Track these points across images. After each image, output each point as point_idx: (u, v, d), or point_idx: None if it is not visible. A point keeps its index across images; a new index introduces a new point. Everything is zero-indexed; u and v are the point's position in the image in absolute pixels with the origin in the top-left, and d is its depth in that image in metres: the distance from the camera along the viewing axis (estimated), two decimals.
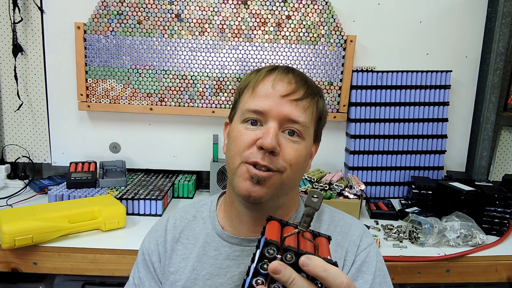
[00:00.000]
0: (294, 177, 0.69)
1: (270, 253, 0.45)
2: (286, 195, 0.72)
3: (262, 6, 1.50)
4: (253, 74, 0.73)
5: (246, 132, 0.68)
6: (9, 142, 1.64)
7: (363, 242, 0.73)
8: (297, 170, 0.68)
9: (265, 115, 0.67)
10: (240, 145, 0.67)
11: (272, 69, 0.71)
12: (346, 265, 0.70)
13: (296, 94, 0.68)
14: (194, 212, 0.80)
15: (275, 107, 0.66)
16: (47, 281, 1.24)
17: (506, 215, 1.26)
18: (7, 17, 1.53)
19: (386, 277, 0.72)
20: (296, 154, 0.67)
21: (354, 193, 1.38)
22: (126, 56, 1.51)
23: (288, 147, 0.66)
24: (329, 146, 1.65)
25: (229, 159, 0.70)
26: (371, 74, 1.56)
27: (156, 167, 1.65)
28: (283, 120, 0.67)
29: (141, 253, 0.79)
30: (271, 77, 0.69)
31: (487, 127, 1.62)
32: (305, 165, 0.72)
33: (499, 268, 1.13)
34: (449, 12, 1.58)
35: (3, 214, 1.11)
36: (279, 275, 0.42)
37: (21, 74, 1.58)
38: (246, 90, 0.72)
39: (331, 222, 0.75)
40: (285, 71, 0.71)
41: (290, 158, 0.66)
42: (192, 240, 0.76)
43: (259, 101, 0.67)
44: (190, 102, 1.56)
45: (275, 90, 0.67)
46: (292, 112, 0.67)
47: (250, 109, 0.68)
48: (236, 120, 0.71)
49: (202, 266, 0.72)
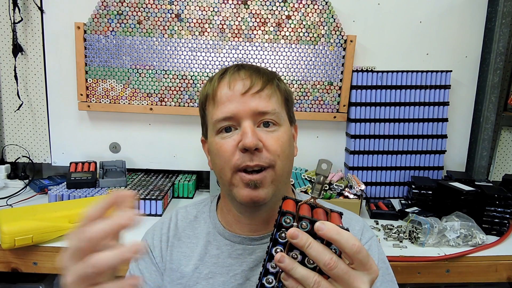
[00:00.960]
0: (286, 165, 0.69)
1: (287, 222, 0.48)
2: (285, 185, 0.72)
3: (262, 6, 1.50)
4: (207, 85, 0.73)
5: (224, 141, 0.67)
6: (9, 142, 1.64)
7: (364, 236, 0.75)
8: (286, 157, 0.68)
9: (235, 118, 0.66)
10: (224, 155, 0.66)
11: (223, 72, 0.71)
12: None
13: (255, 86, 0.67)
14: (195, 212, 0.81)
15: (241, 107, 0.66)
16: (47, 281, 1.24)
17: (506, 215, 1.26)
18: (7, 17, 1.53)
19: (389, 268, 0.74)
20: (279, 143, 0.67)
21: (354, 193, 1.38)
22: (126, 56, 1.51)
23: (269, 139, 0.66)
24: (329, 146, 1.65)
25: (220, 172, 0.69)
26: (371, 74, 1.56)
27: (156, 167, 1.65)
28: (254, 116, 0.66)
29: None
30: (225, 80, 0.69)
31: (487, 127, 1.62)
32: (291, 150, 0.71)
33: (499, 268, 1.13)
34: (449, 12, 1.58)
35: (3, 214, 1.11)
36: (296, 240, 0.45)
37: (21, 74, 1.58)
38: (208, 103, 0.71)
39: None
40: (236, 69, 0.70)
41: (275, 149, 0.66)
42: (193, 239, 0.76)
43: (224, 108, 0.67)
44: (190, 102, 1.56)
45: (234, 91, 0.67)
46: (259, 105, 0.66)
47: (218, 118, 0.67)
48: (211, 135, 0.71)
49: (204, 265, 0.72)
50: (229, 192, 0.69)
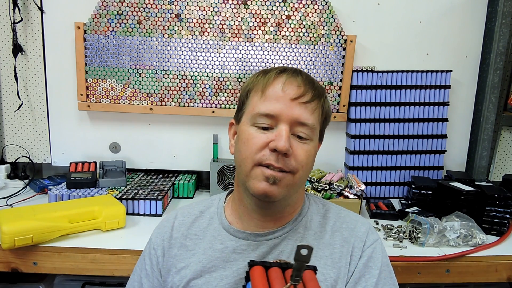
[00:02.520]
0: (305, 176, 0.72)
1: None
2: (296, 193, 0.75)
3: (262, 6, 1.50)
4: (261, 76, 0.74)
5: (257, 134, 0.69)
6: (9, 142, 1.64)
7: (369, 238, 0.76)
8: (307, 170, 0.72)
9: (276, 118, 0.68)
10: (252, 147, 0.68)
11: (281, 71, 0.72)
12: (353, 260, 0.73)
13: (305, 97, 0.69)
14: (202, 208, 0.82)
15: (285, 110, 0.68)
16: (47, 281, 1.24)
17: (506, 215, 1.26)
18: (7, 17, 1.53)
19: (391, 272, 0.75)
20: (307, 155, 0.70)
21: (354, 193, 1.38)
22: (126, 56, 1.51)
23: (299, 149, 0.69)
24: (329, 146, 1.65)
25: (241, 161, 0.71)
26: (371, 74, 1.56)
27: (156, 167, 1.65)
28: (293, 123, 0.69)
29: (148, 247, 0.82)
30: (281, 79, 0.71)
31: (487, 127, 1.62)
32: (312, 165, 0.75)
33: (499, 268, 1.13)
34: (449, 12, 1.58)
35: (3, 214, 1.11)
36: None
37: (21, 74, 1.58)
38: (255, 92, 0.72)
39: (337, 219, 0.78)
40: (294, 74, 0.72)
41: (302, 159, 0.69)
42: (200, 234, 0.78)
43: (270, 105, 0.69)
44: (190, 102, 1.56)
45: (285, 93, 0.69)
46: (302, 115, 0.69)
47: (261, 112, 0.69)
48: (245, 122, 0.72)
49: (207, 259, 0.74)
50: (244, 183, 0.71)
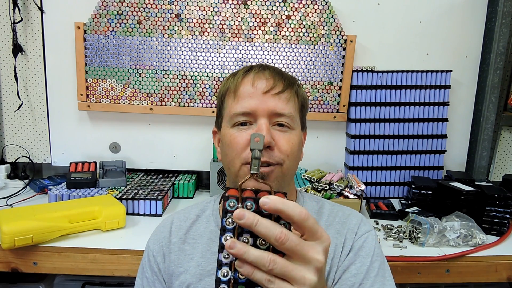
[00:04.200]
0: (293, 166, 0.72)
1: (231, 205, 0.47)
2: (288, 186, 0.74)
3: (262, 6, 1.50)
4: (230, 79, 0.76)
5: (239, 134, 0.70)
6: (9, 142, 1.64)
7: (361, 229, 0.75)
8: (294, 159, 0.72)
9: (253, 114, 0.69)
10: (237, 147, 0.69)
11: (248, 69, 0.74)
12: (344, 250, 0.72)
13: (277, 88, 0.70)
14: (198, 211, 0.82)
15: (260, 105, 0.69)
16: (47, 281, 1.24)
17: (506, 215, 1.26)
18: (7, 17, 1.53)
19: (385, 264, 0.73)
20: (290, 144, 0.70)
21: (354, 193, 1.38)
22: (126, 56, 1.51)
23: (281, 139, 0.69)
24: (329, 146, 1.65)
25: (229, 163, 0.72)
26: (371, 74, 1.56)
27: (156, 167, 1.65)
28: (271, 115, 0.70)
29: (146, 255, 0.80)
30: (249, 77, 0.72)
31: (487, 127, 1.62)
32: (299, 153, 0.75)
33: (499, 268, 1.13)
34: (449, 12, 1.58)
35: (3, 214, 1.10)
36: (243, 220, 0.43)
37: (21, 74, 1.58)
38: (228, 96, 0.74)
39: (330, 214, 0.78)
40: (261, 69, 0.73)
41: (286, 149, 0.69)
42: (198, 238, 0.77)
43: (244, 102, 0.70)
44: (190, 102, 1.56)
45: (256, 88, 0.70)
46: (277, 106, 0.70)
47: (237, 112, 0.70)
48: (226, 126, 0.73)
49: (206, 262, 0.73)
50: (236, 183, 0.71)
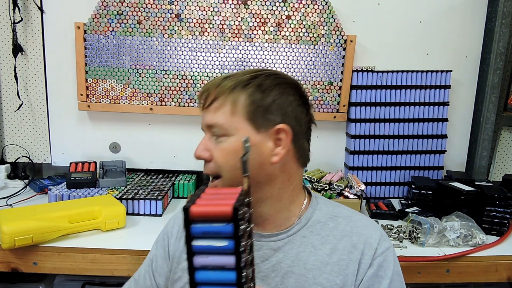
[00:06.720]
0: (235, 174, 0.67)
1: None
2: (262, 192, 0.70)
3: (262, 6, 1.50)
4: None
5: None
6: (9, 142, 1.64)
7: (381, 246, 0.72)
8: (232, 168, 0.67)
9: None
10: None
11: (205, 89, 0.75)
12: (362, 267, 0.70)
13: (207, 100, 0.71)
14: None
15: (202, 122, 0.73)
16: (47, 281, 1.24)
17: (506, 215, 1.26)
18: (7, 17, 1.53)
19: (402, 283, 0.73)
20: (224, 153, 0.69)
21: (354, 193, 1.38)
22: (126, 56, 1.51)
23: (216, 151, 0.70)
24: (329, 146, 1.65)
25: None
26: (371, 74, 1.56)
27: (156, 167, 1.65)
28: (206, 129, 0.72)
29: (162, 233, 0.84)
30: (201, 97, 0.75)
31: (487, 127, 1.62)
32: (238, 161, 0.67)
33: (499, 268, 1.13)
34: (449, 12, 1.58)
35: (3, 214, 1.11)
36: None
37: (21, 74, 1.58)
38: None
39: (347, 223, 0.75)
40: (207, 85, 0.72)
41: (218, 159, 0.69)
42: None
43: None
44: (190, 102, 1.56)
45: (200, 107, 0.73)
46: (207, 118, 0.71)
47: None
48: None
49: None
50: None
